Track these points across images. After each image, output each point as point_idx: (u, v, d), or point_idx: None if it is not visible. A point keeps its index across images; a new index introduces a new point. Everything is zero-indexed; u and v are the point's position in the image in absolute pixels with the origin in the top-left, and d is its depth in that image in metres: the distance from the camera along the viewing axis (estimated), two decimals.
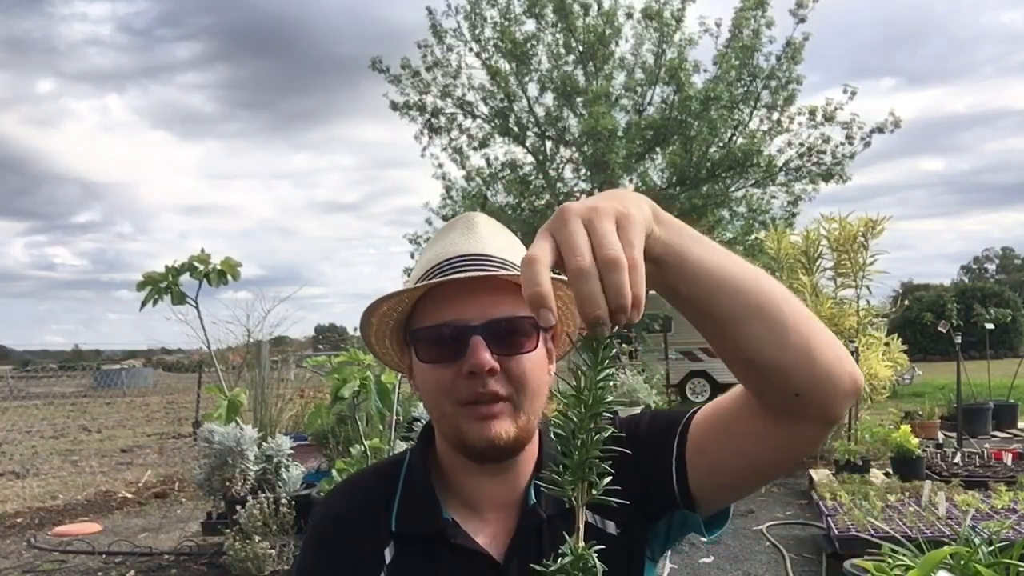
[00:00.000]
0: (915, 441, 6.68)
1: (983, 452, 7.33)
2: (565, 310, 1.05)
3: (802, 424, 0.84)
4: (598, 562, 0.69)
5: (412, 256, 19.77)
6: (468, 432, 0.95)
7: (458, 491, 1.02)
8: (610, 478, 0.69)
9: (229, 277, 5.18)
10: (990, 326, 11.94)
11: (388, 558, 0.99)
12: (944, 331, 8.67)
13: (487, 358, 0.92)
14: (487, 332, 0.93)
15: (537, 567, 0.67)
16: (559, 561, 0.69)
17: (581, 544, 0.69)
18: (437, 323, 0.97)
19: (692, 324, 0.79)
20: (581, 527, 0.71)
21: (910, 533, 4.38)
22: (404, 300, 1.00)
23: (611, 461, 0.66)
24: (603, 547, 0.69)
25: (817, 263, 9.04)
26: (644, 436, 1.01)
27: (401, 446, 4.84)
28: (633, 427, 1.04)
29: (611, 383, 0.68)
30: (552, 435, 0.69)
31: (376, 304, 1.00)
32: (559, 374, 0.94)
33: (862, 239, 8.65)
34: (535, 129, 18.61)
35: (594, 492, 0.69)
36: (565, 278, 0.97)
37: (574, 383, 0.68)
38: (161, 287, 5.00)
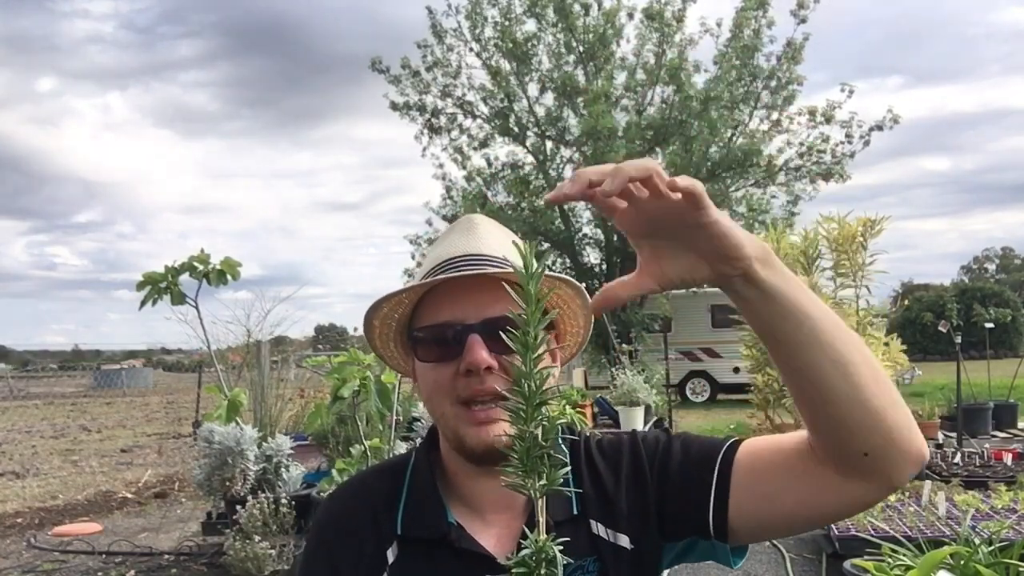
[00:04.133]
0: None
1: (983, 452, 7.32)
2: (567, 309, 1.05)
3: (865, 483, 0.85)
4: (559, 554, 0.69)
5: (412, 256, 19.76)
6: (466, 435, 0.95)
7: (461, 493, 1.02)
8: (566, 469, 0.71)
9: (229, 277, 5.17)
10: (990, 326, 11.95)
11: (391, 559, 0.99)
12: (944, 331, 8.67)
13: (484, 356, 0.92)
14: (484, 330, 0.93)
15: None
16: (519, 553, 0.69)
17: (543, 536, 0.70)
18: (434, 323, 0.98)
19: (780, 370, 0.83)
20: (542, 520, 0.72)
21: (910, 533, 4.37)
22: (404, 301, 1.01)
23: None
24: (563, 538, 0.71)
25: (816, 263, 9.04)
26: (677, 461, 0.99)
27: (401, 446, 4.84)
28: (664, 448, 1.02)
29: (548, 374, 0.70)
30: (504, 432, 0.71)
31: (376, 305, 1.00)
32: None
33: (861, 239, 8.65)
34: (535, 129, 18.59)
35: (544, 483, 0.70)
36: (566, 277, 0.98)
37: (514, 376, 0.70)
38: (161, 287, 5.00)
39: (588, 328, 1.09)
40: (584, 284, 1.03)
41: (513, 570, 0.70)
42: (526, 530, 0.73)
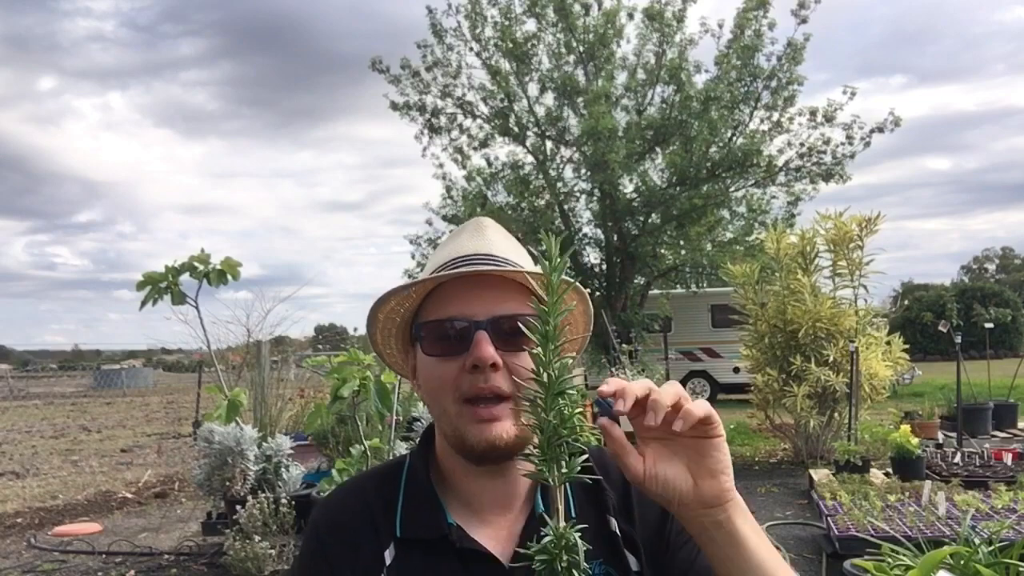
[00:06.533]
0: (915, 441, 6.67)
1: (983, 452, 7.33)
2: (569, 315, 1.06)
3: None
4: (580, 540, 0.72)
5: (412, 256, 19.77)
6: (468, 433, 0.95)
7: (458, 493, 1.02)
8: (584, 456, 0.76)
9: (229, 277, 5.17)
10: (990, 326, 11.96)
11: (388, 560, 0.99)
12: (944, 331, 8.67)
13: (491, 352, 0.93)
14: (492, 328, 0.94)
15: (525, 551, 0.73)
16: (541, 541, 0.71)
17: (562, 523, 0.72)
18: (442, 317, 0.98)
19: None
20: (560, 507, 0.73)
21: (910, 533, 4.38)
22: (411, 296, 1.02)
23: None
24: (586, 526, 0.76)
25: (814, 262, 9.03)
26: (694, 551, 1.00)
27: (401, 446, 4.84)
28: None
29: (567, 361, 0.75)
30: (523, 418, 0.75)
31: (384, 298, 1.01)
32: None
33: (858, 239, 8.64)
34: (535, 129, 18.58)
35: (566, 472, 0.73)
36: (572, 281, 0.99)
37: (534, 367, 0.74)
38: (161, 287, 4.99)
39: (587, 336, 1.10)
40: (585, 285, 1.04)
41: (536, 557, 0.71)
42: (528, 545, 0.76)
